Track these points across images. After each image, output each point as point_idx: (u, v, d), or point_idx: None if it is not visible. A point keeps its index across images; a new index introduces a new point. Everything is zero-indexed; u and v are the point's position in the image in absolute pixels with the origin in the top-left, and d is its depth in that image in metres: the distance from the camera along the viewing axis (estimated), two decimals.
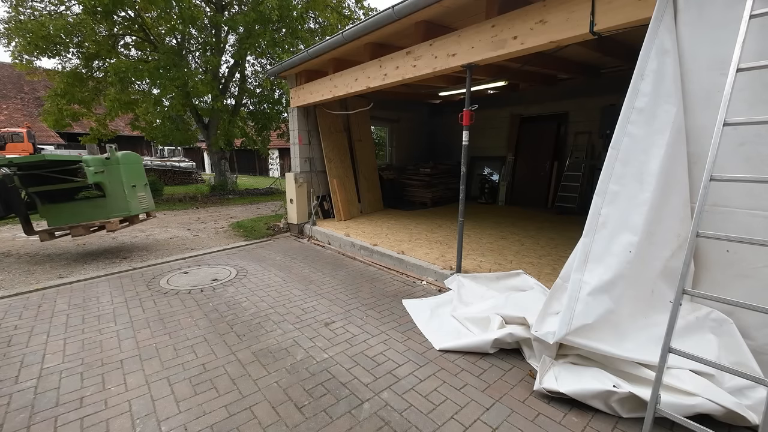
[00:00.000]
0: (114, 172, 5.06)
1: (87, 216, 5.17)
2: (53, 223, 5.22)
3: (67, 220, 5.17)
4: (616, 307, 2.37)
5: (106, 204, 5.14)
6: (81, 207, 5.22)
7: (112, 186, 5.08)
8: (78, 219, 5.15)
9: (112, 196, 5.11)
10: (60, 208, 5.20)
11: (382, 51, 5.03)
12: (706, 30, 2.29)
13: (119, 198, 5.15)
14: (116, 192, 5.12)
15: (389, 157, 11.04)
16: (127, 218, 5.37)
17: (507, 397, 2.37)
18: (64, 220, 5.18)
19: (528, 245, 5.44)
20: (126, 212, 5.24)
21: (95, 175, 4.83)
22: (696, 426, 1.80)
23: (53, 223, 5.21)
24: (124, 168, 5.13)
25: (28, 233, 5.14)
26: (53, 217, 5.22)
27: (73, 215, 5.18)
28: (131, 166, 5.32)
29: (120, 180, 5.11)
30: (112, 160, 5.03)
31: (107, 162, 4.99)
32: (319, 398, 2.36)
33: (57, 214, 5.21)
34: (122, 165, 5.11)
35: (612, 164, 2.51)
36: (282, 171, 24.17)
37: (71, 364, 2.74)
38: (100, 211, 5.15)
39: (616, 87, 6.76)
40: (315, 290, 4.21)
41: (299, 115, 7.23)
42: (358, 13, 14.06)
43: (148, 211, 5.78)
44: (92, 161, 4.84)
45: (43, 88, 16.24)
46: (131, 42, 11.93)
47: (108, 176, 5.00)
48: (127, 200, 5.18)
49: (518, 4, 3.31)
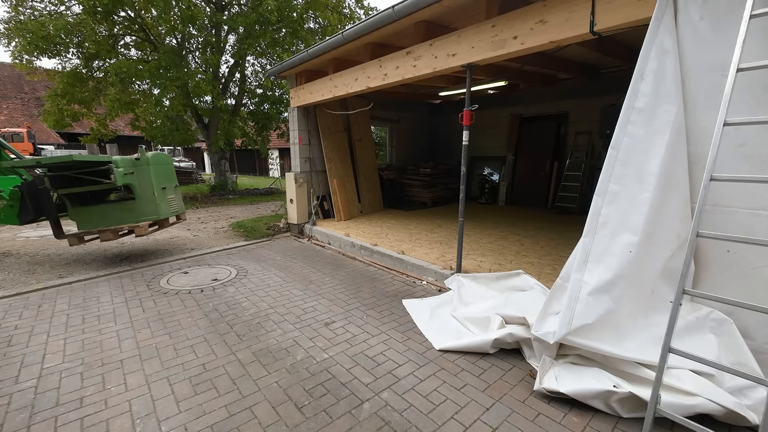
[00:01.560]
0: (144, 173, 4.81)
1: (116, 219, 4.93)
2: (83, 226, 4.98)
3: (96, 224, 4.94)
4: (616, 307, 2.37)
5: (136, 207, 4.89)
6: (110, 210, 4.97)
7: (141, 188, 4.83)
8: (107, 222, 4.92)
9: (142, 199, 4.86)
10: (90, 210, 4.97)
11: (382, 51, 5.03)
12: (706, 30, 2.29)
13: (149, 201, 4.89)
14: (146, 194, 4.86)
15: (389, 157, 11.04)
16: (156, 222, 5.12)
17: (507, 397, 2.37)
18: (94, 224, 4.95)
19: (528, 245, 5.44)
20: (155, 216, 4.96)
21: (124, 176, 4.60)
22: (696, 426, 1.80)
23: (83, 227, 4.98)
24: (154, 169, 4.88)
25: (58, 237, 4.95)
26: (83, 220, 4.98)
27: (103, 218, 4.95)
28: (161, 167, 5.06)
29: (150, 182, 4.85)
30: (142, 160, 4.79)
31: (137, 163, 4.75)
32: (319, 398, 2.36)
33: (86, 217, 4.97)
34: (152, 166, 4.86)
35: (612, 164, 2.51)
36: (282, 171, 24.18)
37: (71, 364, 2.74)
38: (129, 215, 4.91)
39: (616, 87, 6.77)
40: (315, 290, 4.21)
41: (299, 115, 7.23)
42: (358, 13, 14.06)
43: (178, 214, 5.50)
44: (121, 162, 4.62)
45: (43, 88, 16.24)
46: (131, 42, 11.93)
47: (138, 178, 4.76)
48: (157, 203, 4.92)
49: (518, 4, 3.32)
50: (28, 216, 4.69)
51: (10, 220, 4.71)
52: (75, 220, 5.01)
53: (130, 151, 5.41)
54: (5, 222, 4.72)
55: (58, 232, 4.94)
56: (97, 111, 12.42)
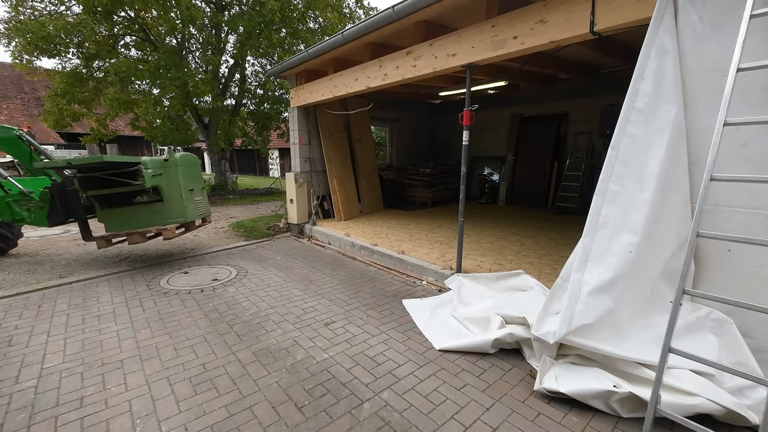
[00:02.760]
0: (172, 175, 4.69)
1: (144, 222, 4.85)
2: (111, 228, 4.91)
3: (124, 226, 4.88)
4: (616, 307, 2.37)
5: (164, 209, 4.79)
6: (138, 212, 4.90)
7: (169, 190, 4.72)
8: (135, 225, 4.85)
9: (170, 201, 4.75)
10: (118, 212, 4.89)
11: (382, 51, 5.03)
12: (706, 30, 2.29)
13: (177, 203, 4.78)
14: (174, 196, 4.75)
15: (389, 157, 11.04)
16: (183, 224, 5.03)
17: (507, 397, 2.37)
18: (121, 226, 4.88)
19: (528, 245, 5.44)
20: (183, 218, 4.86)
21: (153, 178, 4.51)
22: (696, 426, 1.80)
23: (111, 229, 4.91)
24: (182, 170, 4.78)
25: (86, 239, 4.90)
26: (111, 222, 4.90)
27: (130, 221, 4.88)
28: (189, 169, 4.95)
29: (178, 183, 4.74)
30: (170, 162, 4.69)
31: (165, 164, 4.65)
32: (319, 398, 2.36)
33: (115, 219, 4.90)
34: (180, 167, 4.76)
35: (612, 164, 2.51)
36: (282, 171, 24.18)
37: (71, 364, 2.74)
38: (157, 217, 4.82)
39: (616, 87, 6.77)
40: (315, 290, 4.21)
41: (299, 115, 7.23)
42: (358, 13, 14.06)
43: (204, 216, 5.36)
44: (150, 163, 4.53)
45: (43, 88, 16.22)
46: (131, 42, 11.93)
47: (166, 179, 4.65)
48: (184, 205, 4.81)
49: (518, 4, 3.32)
50: (57, 218, 4.64)
51: (39, 222, 4.65)
52: (103, 222, 4.93)
53: (131, 152, 5.39)
54: (35, 223, 4.66)
55: (86, 234, 4.87)
56: (97, 111, 12.42)
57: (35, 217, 4.65)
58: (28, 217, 4.58)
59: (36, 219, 4.66)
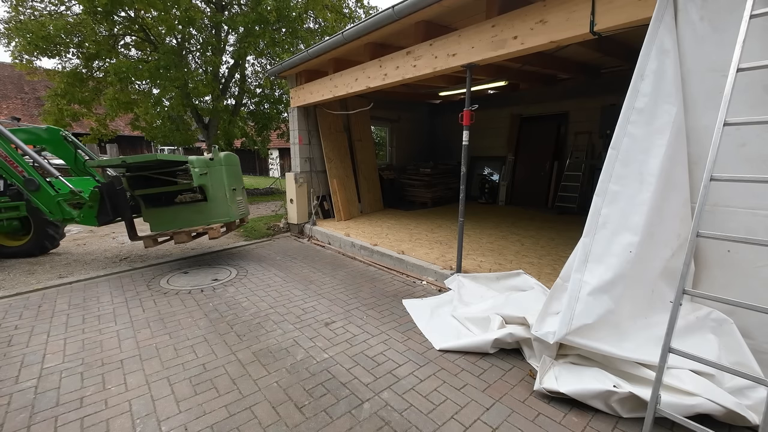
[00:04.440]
0: (216, 174, 4.68)
1: (188, 221, 4.82)
2: (156, 228, 4.89)
3: (168, 225, 4.86)
4: (616, 307, 2.37)
5: (208, 209, 4.74)
6: (181, 212, 4.85)
7: (214, 189, 4.68)
8: (178, 224, 4.83)
9: (214, 201, 4.70)
10: (162, 212, 4.86)
11: (382, 51, 5.03)
12: (706, 30, 2.29)
13: (221, 202, 4.74)
14: (218, 196, 4.72)
15: (389, 157, 11.03)
16: (225, 224, 4.99)
17: (507, 397, 2.37)
18: (165, 225, 4.87)
19: (528, 245, 5.44)
20: (227, 218, 4.82)
21: (200, 177, 4.50)
22: (696, 426, 1.80)
23: (155, 228, 4.89)
24: (226, 170, 4.77)
25: (132, 239, 4.85)
26: (155, 222, 4.88)
27: (174, 220, 4.85)
28: (232, 168, 4.94)
29: (222, 183, 4.73)
30: (215, 161, 4.68)
31: (210, 163, 4.64)
32: (320, 398, 2.36)
33: (159, 219, 4.87)
34: (224, 167, 4.75)
35: (612, 164, 2.51)
36: (282, 171, 24.17)
37: (71, 364, 2.74)
38: (201, 217, 4.78)
39: (616, 87, 6.77)
40: (315, 290, 4.21)
41: (299, 115, 7.23)
42: (358, 13, 14.06)
43: (243, 216, 5.29)
44: (197, 162, 4.52)
45: (43, 88, 16.20)
46: (131, 42, 11.93)
47: (210, 179, 4.63)
48: (228, 205, 4.78)
49: (518, 4, 3.32)
50: (106, 217, 4.63)
51: (89, 221, 4.64)
52: (148, 221, 4.92)
53: (131, 152, 5.38)
54: (84, 222, 4.64)
55: (132, 233, 4.85)
56: (97, 111, 12.42)
57: (85, 217, 4.63)
58: (77, 216, 4.57)
59: (85, 218, 4.64)
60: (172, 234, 4.81)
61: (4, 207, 5.15)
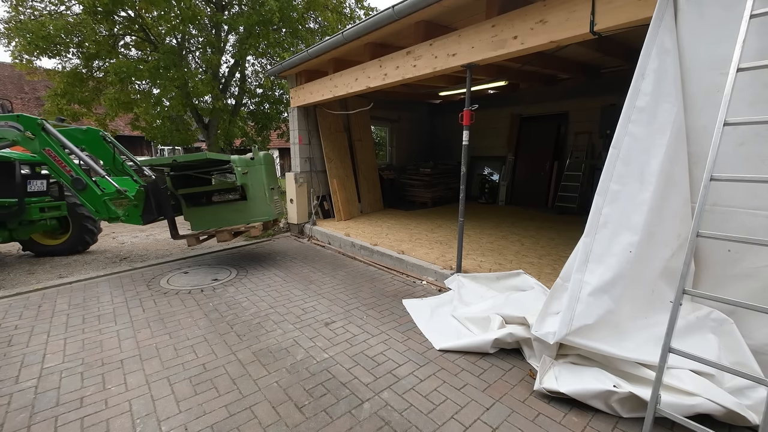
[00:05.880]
0: (256, 173, 4.72)
1: (227, 220, 4.92)
2: (196, 226, 4.99)
3: (208, 224, 4.95)
4: (616, 307, 2.37)
5: (248, 208, 4.80)
6: (221, 211, 4.96)
7: (254, 188, 4.73)
8: (218, 223, 4.93)
9: (254, 200, 4.76)
10: (203, 211, 4.96)
11: (382, 51, 5.03)
12: (706, 30, 2.29)
13: (261, 201, 4.78)
14: (258, 195, 4.76)
15: (389, 157, 11.03)
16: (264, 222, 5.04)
17: (507, 397, 2.37)
18: (206, 224, 4.96)
19: (528, 245, 5.44)
20: (267, 216, 4.85)
21: (243, 176, 4.56)
22: (696, 426, 1.80)
23: (196, 227, 4.99)
24: (265, 169, 4.79)
25: (175, 237, 4.85)
26: (196, 221, 4.98)
27: (214, 219, 4.95)
28: (269, 168, 4.95)
29: (262, 182, 4.76)
30: (255, 160, 4.70)
31: (251, 163, 4.68)
32: (320, 398, 2.36)
33: (200, 218, 4.97)
34: (264, 166, 4.76)
35: (613, 163, 2.50)
36: (282, 171, 24.16)
37: (71, 364, 2.74)
38: (240, 216, 4.87)
39: (616, 87, 6.77)
40: (315, 290, 4.21)
41: (299, 115, 7.23)
42: (358, 13, 14.06)
43: (279, 216, 5.32)
44: (239, 161, 4.59)
45: (43, 88, 16.19)
46: (131, 42, 11.92)
47: (251, 178, 4.69)
48: (267, 204, 4.81)
49: (518, 3, 3.32)
50: (151, 216, 4.65)
51: (134, 220, 4.66)
52: (189, 220, 5.00)
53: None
54: (129, 221, 4.66)
55: (174, 232, 4.87)
56: (97, 111, 12.41)
57: (131, 215, 4.64)
58: (123, 215, 4.60)
59: (131, 217, 4.65)
60: (214, 232, 4.86)
61: (48, 206, 5.26)
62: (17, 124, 4.18)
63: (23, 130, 4.17)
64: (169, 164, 4.60)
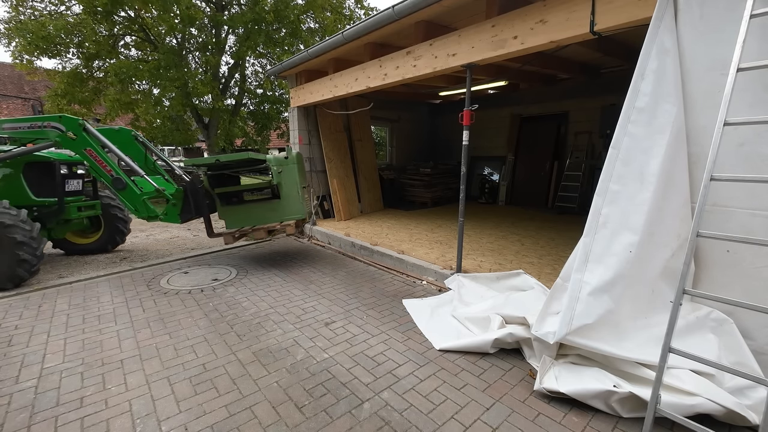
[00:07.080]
0: (290, 172, 4.81)
1: (261, 218, 4.99)
2: (231, 225, 5.04)
3: (242, 223, 5.01)
4: (616, 307, 2.37)
5: (282, 206, 4.89)
6: (255, 209, 5.02)
7: (288, 187, 4.82)
8: (252, 221, 4.99)
9: (288, 198, 4.85)
10: (237, 209, 5.01)
11: (382, 51, 5.03)
12: (706, 30, 2.29)
13: (294, 200, 4.88)
14: (292, 193, 4.85)
15: (389, 157, 11.03)
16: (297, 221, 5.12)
17: (507, 397, 2.37)
18: (240, 223, 5.01)
19: (528, 245, 5.44)
20: (299, 215, 4.94)
21: (278, 175, 4.65)
22: (696, 426, 1.80)
23: (231, 225, 5.04)
24: (297, 168, 4.87)
25: (211, 236, 4.91)
26: (231, 220, 5.04)
27: (248, 218, 5.01)
28: (300, 166, 5.05)
29: (295, 181, 4.85)
30: (289, 159, 4.77)
31: (284, 162, 4.75)
32: (320, 398, 2.36)
33: (234, 216, 5.02)
34: (297, 165, 4.84)
35: (613, 164, 2.50)
36: None
37: (72, 364, 2.74)
38: (273, 214, 4.95)
39: (616, 87, 6.77)
40: (315, 290, 4.21)
41: (299, 115, 7.23)
42: (358, 13, 14.06)
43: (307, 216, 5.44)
44: (275, 161, 4.66)
45: (43, 88, 16.19)
46: (131, 42, 11.93)
47: (284, 177, 4.79)
48: (300, 202, 4.92)
49: (518, 3, 3.32)
50: (189, 215, 4.72)
51: (172, 219, 4.71)
52: (224, 218, 5.05)
53: None
54: (168, 220, 4.71)
55: (210, 231, 4.92)
56: (98, 111, 12.42)
57: (169, 214, 4.69)
58: (161, 215, 4.64)
59: (170, 216, 4.70)
60: (250, 230, 4.92)
61: (84, 206, 5.31)
62: (59, 124, 4.24)
63: (65, 130, 4.23)
64: (212, 164, 4.64)
